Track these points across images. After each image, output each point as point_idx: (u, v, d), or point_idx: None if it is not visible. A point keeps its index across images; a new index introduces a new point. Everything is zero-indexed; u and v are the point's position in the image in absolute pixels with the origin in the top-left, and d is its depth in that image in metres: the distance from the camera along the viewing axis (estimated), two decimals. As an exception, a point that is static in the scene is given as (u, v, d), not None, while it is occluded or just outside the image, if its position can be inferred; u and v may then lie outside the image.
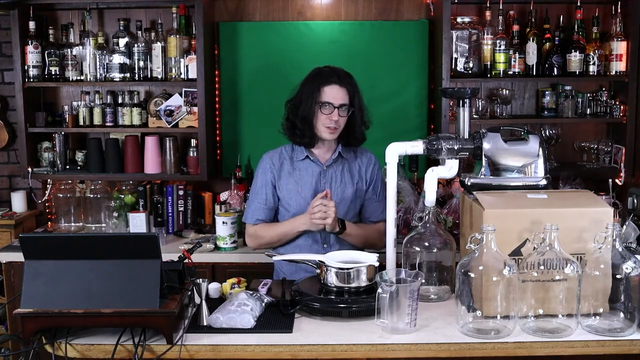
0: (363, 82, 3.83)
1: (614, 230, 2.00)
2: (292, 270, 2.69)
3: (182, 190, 3.86)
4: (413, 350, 1.98)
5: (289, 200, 2.70)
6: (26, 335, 1.99)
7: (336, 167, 2.73)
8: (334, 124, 2.62)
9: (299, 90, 2.69)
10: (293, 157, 2.73)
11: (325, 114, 2.61)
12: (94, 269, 1.99)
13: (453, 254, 2.35)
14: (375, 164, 2.81)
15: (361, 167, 2.77)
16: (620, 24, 3.62)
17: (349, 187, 2.73)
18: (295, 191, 2.69)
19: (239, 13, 3.93)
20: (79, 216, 3.86)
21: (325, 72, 2.67)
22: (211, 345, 1.99)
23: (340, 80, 2.63)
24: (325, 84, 2.62)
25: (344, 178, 2.73)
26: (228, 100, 3.92)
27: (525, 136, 2.43)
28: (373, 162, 2.81)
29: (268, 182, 2.72)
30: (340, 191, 2.71)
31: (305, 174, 2.71)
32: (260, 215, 2.74)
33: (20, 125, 3.75)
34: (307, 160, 2.72)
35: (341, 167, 2.74)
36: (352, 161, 2.77)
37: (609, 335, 2.00)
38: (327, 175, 2.71)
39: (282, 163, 2.73)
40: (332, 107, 2.61)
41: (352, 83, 2.67)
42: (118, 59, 3.69)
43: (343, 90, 2.63)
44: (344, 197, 2.71)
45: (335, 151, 2.73)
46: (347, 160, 2.75)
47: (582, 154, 3.84)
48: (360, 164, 2.78)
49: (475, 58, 3.64)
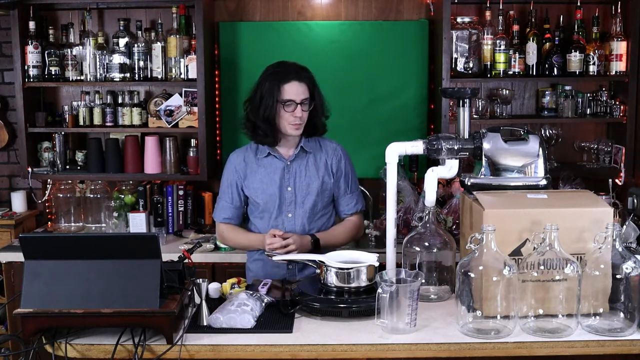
0: (363, 82, 3.90)
1: (614, 230, 1.99)
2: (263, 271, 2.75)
3: (182, 190, 3.86)
4: (413, 350, 1.98)
5: (255, 197, 2.73)
6: (26, 335, 1.99)
7: (300, 162, 2.73)
8: (299, 120, 2.63)
9: (256, 90, 2.70)
10: (257, 154, 2.75)
11: (289, 111, 2.62)
12: (94, 269, 1.99)
13: (453, 254, 2.35)
14: (342, 154, 2.78)
15: (327, 160, 2.75)
16: (620, 24, 3.62)
17: (315, 181, 2.72)
18: (260, 189, 2.72)
19: (239, 13, 3.93)
20: (79, 216, 3.87)
21: (282, 70, 2.67)
22: (211, 345, 1.99)
23: (298, 76, 2.64)
24: (284, 81, 2.63)
25: (309, 172, 2.72)
26: (228, 100, 3.92)
27: (525, 136, 2.43)
28: (339, 152, 2.77)
29: (233, 183, 2.76)
30: (306, 185, 2.71)
31: (270, 171, 2.72)
32: (227, 214, 2.78)
33: (20, 125, 3.75)
34: (271, 156, 2.72)
35: (305, 160, 2.73)
36: (317, 153, 2.75)
37: (609, 335, 2.00)
38: (291, 170, 2.71)
39: (247, 162, 2.75)
40: (295, 103, 2.62)
41: (309, 76, 2.68)
42: (118, 59, 3.69)
43: (303, 86, 2.64)
44: (310, 190, 2.71)
45: (297, 146, 2.73)
46: (312, 153, 2.74)
47: (582, 154, 3.84)
48: (326, 156, 2.75)
49: (475, 58, 3.64)
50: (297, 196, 2.70)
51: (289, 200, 2.70)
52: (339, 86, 3.85)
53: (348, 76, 3.89)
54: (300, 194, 2.70)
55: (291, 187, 2.70)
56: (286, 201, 2.70)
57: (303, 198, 2.70)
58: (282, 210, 2.71)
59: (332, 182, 2.74)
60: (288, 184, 2.70)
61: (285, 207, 2.71)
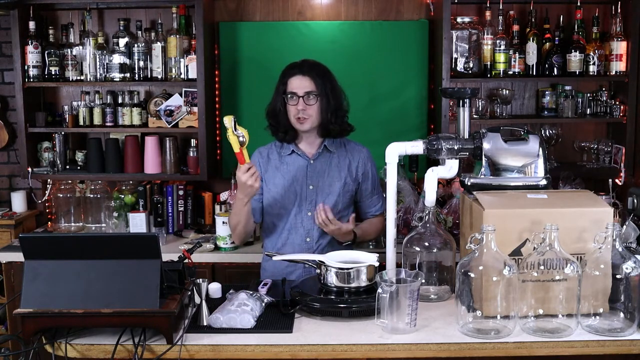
0: (363, 82, 3.90)
1: (614, 230, 1.99)
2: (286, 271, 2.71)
3: (182, 190, 3.86)
4: (413, 350, 1.98)
5: (275, 194, 2.73)
6: (26, 335, 1.99)
7: (323, 161, 2.74)
8: (301, 113, 2.64)
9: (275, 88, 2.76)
10: (281, 152, 2.77)
11: (292, 104, 2.65)
12: (94, 269, 1.99)
13: (453, 254, 2.35)
14: (367, 158, 2.81)
15: (352, 162, 2.77)
16: (620, 24, 3.62)
17: (336, 182, 2.73)
18: (282, 184, 2.72)
19: (239, 13, 3.93)
20: (79, 216, 3.87)
21: (291, 65, 2.72)
22: (211, 345, 1.99)
23: (302, 70, 2.66)
24: (289, 75, 2.68)
25: (331, 172, 2.73)
26: (228, 100, 3.92)
27: (525, 136, 2.43)
28: (365, 156, 2.80)
29: None
30: (328, 185, 2.72)
31: (292, 168, 2.73)
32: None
33: (20, 125, 3.76)
34: (294, 154, 2.74)
35: (329, 161, 2.74)
36: (342, 155, 2.77)
37: (609, 335, 2.00)
38: (315, 168, 2.72)
39: (270, 158, 2.77)
40: (297, 96, 2.64)
41: (318, 71, 2.68)
42: (118, 59, 3.69)
43: (306, 79, 2.65)
44: (332, 190, 2.72)
45: (321, 145, 2.74)
46: (336, 154, 2.76)
47: (582, 154, 3.84)
48: (351, 158, 2.77)
49: (475, 58, 3.64)
50: (319, 195, 2.70)
51: (310, 199, 2.71)
52: (339, 86, 3.86)
53: (348, 76, 3.85)
54: (322, 193, 2.70)
55: (313, 186, 2.71)
56: (307, 199, 2.71)
57: (325, 197, 2.69)
58: (302, 208, 2.71)
59: (353, 184, 2.76)
60: (310, 182, 2.71)
61: (305, 205, 2.71)
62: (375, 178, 2.84)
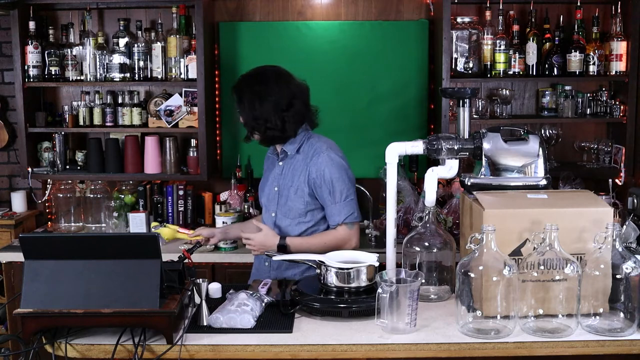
0: (363, 82, 3.90)
1: (614, 230, 2.00)
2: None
3: (182, 190, 3.86)
4: (413, 350, 1.98)
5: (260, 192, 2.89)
6: (26, 335, 1.99)
7: (289, 162, 2.73)
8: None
9: None
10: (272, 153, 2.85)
11: None
12: (94, 269, 1.99)
13: (453, 254, 2.35)
14: (325, 163, 2.62)
15: (308, 167, 2.66)
16: (620, 24, 3.62)
17: (293, 183, 2.70)
18: (261, 185, 2.87)
19: (239, 13, 3.93)
20: (79, 216, 3.87)
21: None
22: (211, 345, 1.99)
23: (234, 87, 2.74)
24: None
25: (290, 175, 2.73)
26: (228, 100, 3.92)
27: (525, 136, 2.43)
28: (321, 161, 2.62)
29: None
30: (287, 186, 2.72)
31: (270, 169, 2.83)
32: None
33: (20, 125, 3.75)
34: (274, 155, 2.82)
35: (292, 163, 2.73)
36: (301, 160, 2.69)
37: (609, 335, 2.00)
38: (281, 170, 2.76)
39: (267, 160, 2.89)
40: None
41: (237, 87, 2.70)
42: (118, 59, 3.69)
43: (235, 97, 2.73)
44: (289, 192, 2.71)
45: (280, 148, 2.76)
46: (300, 157, 2.70)
47: (582, 154, 3.84)
48: (309, 163, 2.66)
49: (475, 58, 3.64)
50: (280, 197, 2.73)
51: (274, 199, 2.75)
52: (339, 86, 3.85)
53: (348, 76, 3.89)
54: (282, 196, 2.72)
55: (277, 187, 2.74)
56: (273, 200, 2.75)
57: (285, 199, 2.71)
58: (269, 208, 2.77)
59: (307, 189, 2.66)
60: (276, 184, 2.75)
61: (272, 205, 2.76)
62: (334, 185, 2.61)
